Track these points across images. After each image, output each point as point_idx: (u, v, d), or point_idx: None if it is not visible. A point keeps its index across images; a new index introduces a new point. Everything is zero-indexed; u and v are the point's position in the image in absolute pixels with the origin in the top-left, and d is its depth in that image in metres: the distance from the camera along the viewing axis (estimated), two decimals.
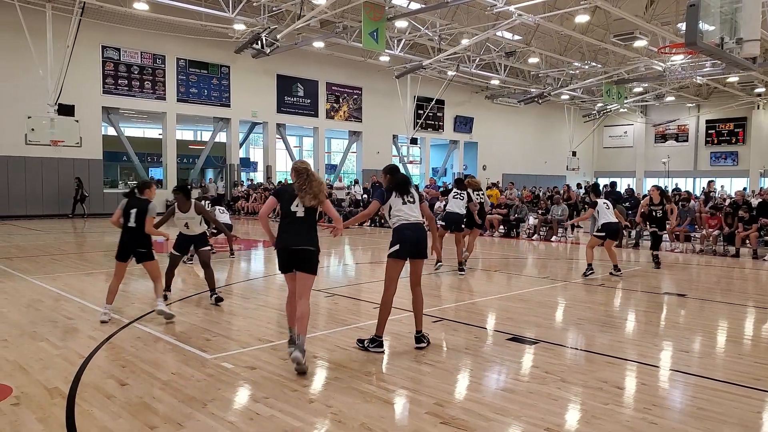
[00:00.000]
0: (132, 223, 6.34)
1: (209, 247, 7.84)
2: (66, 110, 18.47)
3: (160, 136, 25.91)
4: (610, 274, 9.75)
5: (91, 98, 22.07)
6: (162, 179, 25.72)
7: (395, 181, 5.47)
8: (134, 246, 6.32)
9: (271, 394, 4.12)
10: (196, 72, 25.11)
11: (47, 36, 18.06)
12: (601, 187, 15.47)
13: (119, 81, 23.02)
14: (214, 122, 26.76)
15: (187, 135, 31.83)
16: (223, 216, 12.09)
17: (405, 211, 5.30)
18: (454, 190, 10.23)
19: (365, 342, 5.24)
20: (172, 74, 24.40)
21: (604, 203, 9.82)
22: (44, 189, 21.47)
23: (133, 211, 6.38)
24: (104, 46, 22.55)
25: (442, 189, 21.74)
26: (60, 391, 4.15)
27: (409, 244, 5.22)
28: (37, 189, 21.32)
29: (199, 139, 32.05)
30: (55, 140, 18.08)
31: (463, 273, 9.76)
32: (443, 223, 10.09)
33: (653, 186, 11.65)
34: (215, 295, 7.14)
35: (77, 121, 18.73)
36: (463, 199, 10.00)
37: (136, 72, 23.41)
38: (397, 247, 5.21)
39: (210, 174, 30.25)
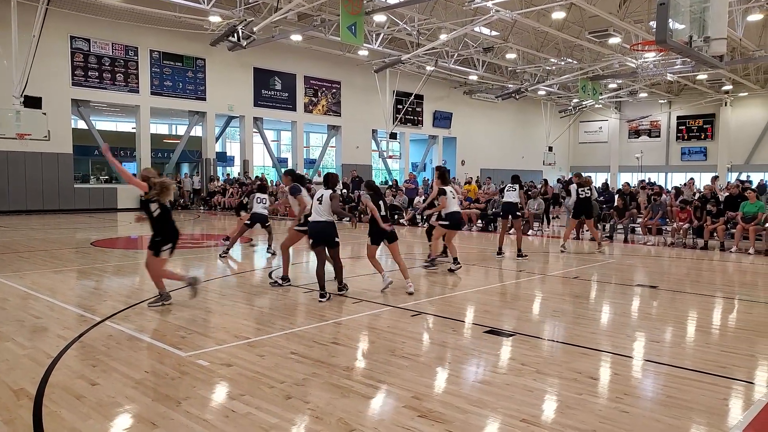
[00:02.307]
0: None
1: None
2: (32, 102, 17.92)
3: (134, 130, 25.42)
4: (450, 270, 9.42)
5: (60, 90, 21.50)
6: (136, 174, 25.25)
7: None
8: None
9: (248, 391, 4.09)
10: (171, 65, 24.69)
11: (12, 26, 17.41)
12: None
13: (89, 73, 22.47)
14: (189, 116, 26.37)
15: (161, 129, 31.32)
16: (258, 206, 11.71)
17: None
18: (508, 184, 11.76)
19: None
20: (146, 66, 23.93)
21: (451, 192, 9.55)
22: (10, 184, 20.89)
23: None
24: (73, 37, 21.94)
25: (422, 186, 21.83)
26: (27, 393, 4.04)
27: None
28: (2, 184, 20.73)
29: (174, 133, 31.58)
30: (21, 133, 17.53)
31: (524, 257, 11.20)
32: (500, 213, 12.07)
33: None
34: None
35: (45, 113, 18.22)
36: (515, 191, 11.36)
37: (107, 64, 22.88)
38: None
39: (185, 168, 29.85)
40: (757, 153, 36.25)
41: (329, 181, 7.57)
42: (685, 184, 20.88)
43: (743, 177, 30.51)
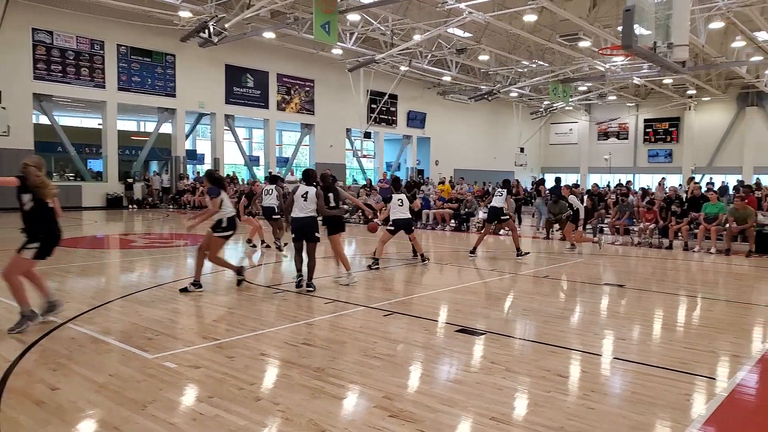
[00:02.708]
0: None
1: None
2: None
3: (100, 127, 24.81)
4: (368, 267, 9.65)
5: (21, 84, 20.73)
6: (102, 171, 24.74)
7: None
8: None
9: (216, 393, 4.02)
10: (139, 60, 24.18)
11: None
12: (404, 182, 14.83)
13: (52, 66, 21.77)
14: (158, 112, 25.87)
15: (129, 125, 30.66)
16: (267, 198, 11.57)
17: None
18: (498, 188, 12.05)
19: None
20: (113, 61, 23.35)
21: (399, 199, 9.96)
22: None
23: None
24: (35, 29, 21.18)
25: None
26: None
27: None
28: None
29: (142, 129, 30.93)
30: None
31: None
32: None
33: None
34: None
35: (4, 108, 17.65)
36: (501, 196, 11.44)
37: (71, 57, 22.21)
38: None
39: (154, 166, 29.26)
40: (719, 156, 37.31)
41: (310, 177, 7.82)
42: (659, 184, 21.39)
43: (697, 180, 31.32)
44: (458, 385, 4.26)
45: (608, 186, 26.59)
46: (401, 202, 9.98)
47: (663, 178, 24.74)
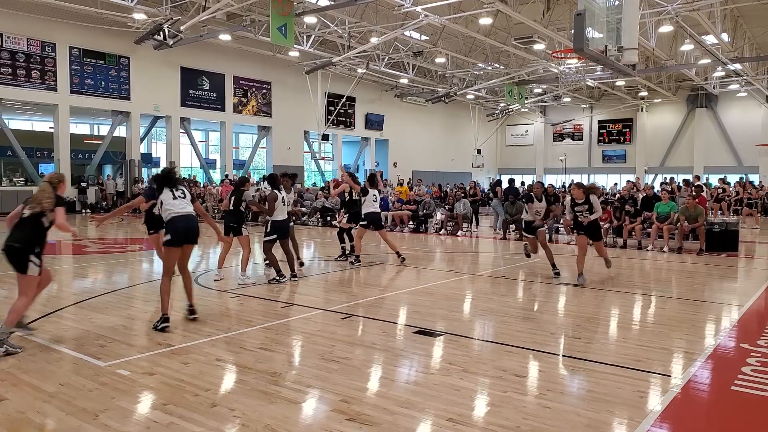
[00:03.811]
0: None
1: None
2: None
3: (52, 130, 24.03)
4: (351, 262, 10.36)
5: None
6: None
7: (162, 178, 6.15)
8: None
9: (171, 401, 3.96)
10: (92, 62, 23.54)
11: None
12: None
13: (2, 69, 21.11)
14: (112, 116, 25.21)
15: (82, 129, 29.71)
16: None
17: (176, 205, 5.94)
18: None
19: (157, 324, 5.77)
20: (64, 64, 22.70)
21: (373, 195, 10.41)
22: None
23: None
24: None
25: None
26: None
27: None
28: None
29: (96, 133, 30.03)
30: None
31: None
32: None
33: (575, 184, 9.03)
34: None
35: None
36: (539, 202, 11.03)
37: (21, 60, 21.56)
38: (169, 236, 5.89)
39: (108, 170, 28.46)
40: (671, 156, 38.64)
41: (276, 181, 8.78)
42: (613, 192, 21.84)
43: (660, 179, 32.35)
44: (416, 387, 4.30)
45: (563, 187, 27.21)
46: (375, 198, 10.34)
47: (615, 184, 25.36)
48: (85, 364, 4.74)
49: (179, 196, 5.97)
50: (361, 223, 10.29)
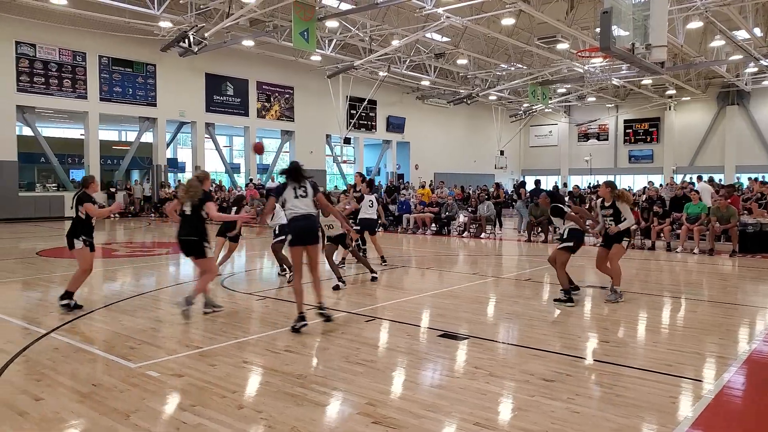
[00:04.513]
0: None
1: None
2: None
3: (82, 137, 24.62)
4: (383, 263, 10.45)
5: (4, 96, 20.74)
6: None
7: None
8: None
9: (199, 402, 4.01)
10: (120, 70, 24.06)
11: None
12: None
13: (35, 79, 21.71)
14: (139, 122, 25.70)
15: (111, 135, 30.39)
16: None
17: (297, 204, 5.94)
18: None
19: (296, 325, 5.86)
20: (94, 72, 23.26)
21: (369, 201, 10.49)
22: None
23: None
24: (18, 42, 21.19)
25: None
26: None
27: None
28: None
29: (124, 139, 30.67)
30: None
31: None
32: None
33: (604, 182, 8.05)
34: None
35: None
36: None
37: (54, 69, 22.15)
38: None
39: (136, 175, 29.05)
40: (700, 155, 37.80)
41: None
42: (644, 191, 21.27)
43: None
44: (442, 391, 4.28)
45: (589, 187, 26.82)
46: (371, 204, 10.42)
47: (650, 182, 24.75)
48: (116, 365, 4.83)
49: (300, 195, 5.95)
50: (355, 227, 10.22)
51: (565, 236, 7.61)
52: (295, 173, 5.99)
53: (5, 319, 6.37)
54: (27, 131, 23.28)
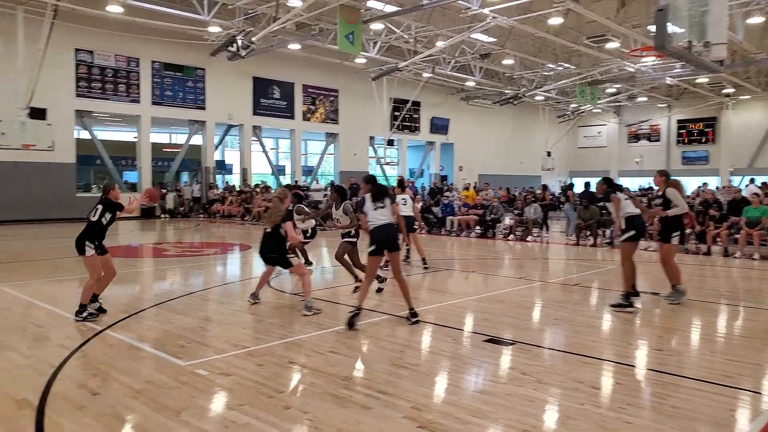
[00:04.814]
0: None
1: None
2: (38, 114, 18.11)
3: (135, 139, 25.52)
4: (425, 268, 10.22)
5: (64, 101, 21.65)
6: (136, 182, 25.37)
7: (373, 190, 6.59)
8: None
9: (247, 401, 4.07)
10: (171, 75, 24.81)
11: (18, 39, 17.69)
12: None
13: (92, 84, 22.64)
14: (189, 125, 26.44)
15: (161, 138, 31.37)
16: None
17: (376, 216, 6.37)
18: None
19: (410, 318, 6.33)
20: (147, 77, 24.07)
21: (402, 199, 10.33)
22: (16, 194, 20.95)
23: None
24: (77, 49, 22.16)
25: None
26: (29, 403, 4.04)
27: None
28: (8, 194, 20.79)
29: (174, 141, 31.62)
30: (26, 144, 17.69)
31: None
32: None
33: (657, 171, 7.86)
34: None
35: (49, 124, 18.35)
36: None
37: (109, 75, 23.05)
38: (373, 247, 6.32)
39: (185, 177, 29.89)
40: (761, 156, 36.04)
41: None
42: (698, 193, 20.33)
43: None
44: (488, 396, 4.22)
45: (640, 190, 25.99)
46: (405, 201, 10.37)
47: (704, 183, 23.77)
48: (167, 362, 4.97)
49: (379, 207, 6.44)
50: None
51: (624, 227, 7.35)
52: (379, 194, 6.51)
53: (65, 316, 6.64)
54: (84, 134, 24.27)
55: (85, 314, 6.41)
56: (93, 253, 6.54)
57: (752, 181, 23.28)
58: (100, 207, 6.67)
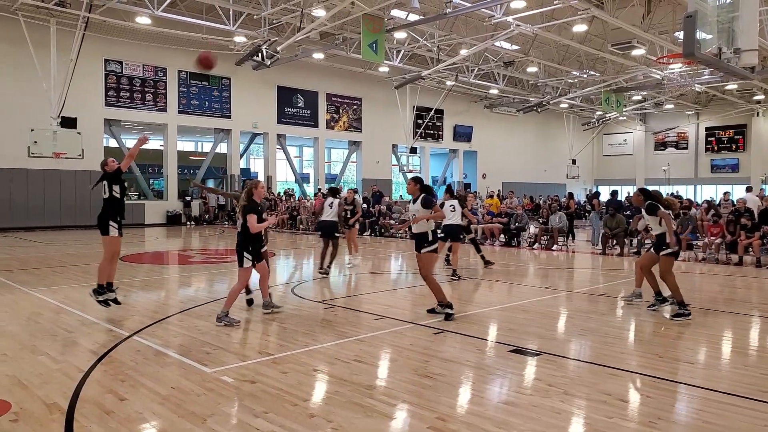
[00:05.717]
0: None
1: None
2: (69, 123, 18.65)
3: (162, 148, 26.00)
4: (451, 278, 10.11)
5: (94, 111, 22.26)
6: (163, 190, 25.82)
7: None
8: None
9: (271, 409, 4.09)
10: (197, 84, 25.26)
11: (51, 50, 18.25)
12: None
13: (121, 93, 23.21)
14: (215, 133, 26.86)
15: (188, 146, 31.92)
16: (328, 211, 10.73)
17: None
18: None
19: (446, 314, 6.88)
20: (174, 86, 24.57)
21: (450, 205, 10.07)
22: (46, 201, 21.52)
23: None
24: (107, 59, 22.81)
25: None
26: (59, 407, 4.11)
27: None
28: (39, 201, 21.38)
29: (199, 150, 32.13)
30: (57, 152, 18.22)
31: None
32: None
33: (637, 189, 8.03)
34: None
35: (79, 133, 18.87)
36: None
37: (137, 84, 23.60)
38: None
39: (210, 184, 30.31)
40: None
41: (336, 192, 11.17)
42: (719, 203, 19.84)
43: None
44: (513, 408, 4.16)
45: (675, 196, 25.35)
46: (453, 208, 10.13)
47: (725, 193, 23.25)
48: (193, 369, 5.01)
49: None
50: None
51: (656, 240, 7.48)
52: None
53: (93, 321, 6.76)
54: (112, 143, 24.81)
55: (102, 297, 6.83)
56: (116, 234, 6.77)
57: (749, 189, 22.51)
58: (104, 182, 6.85)
